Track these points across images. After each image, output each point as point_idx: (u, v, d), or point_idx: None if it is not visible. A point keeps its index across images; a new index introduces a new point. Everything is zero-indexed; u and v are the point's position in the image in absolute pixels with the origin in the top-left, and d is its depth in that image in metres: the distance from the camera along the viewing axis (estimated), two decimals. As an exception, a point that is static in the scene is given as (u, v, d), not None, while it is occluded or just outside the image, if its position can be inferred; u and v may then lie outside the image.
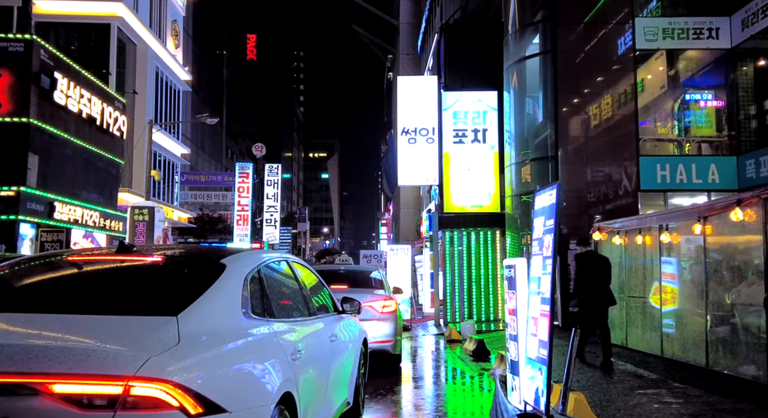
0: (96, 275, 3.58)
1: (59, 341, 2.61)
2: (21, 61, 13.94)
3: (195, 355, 2.71)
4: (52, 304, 3.09)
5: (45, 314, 2.90)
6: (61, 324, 2.79)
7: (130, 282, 3.42)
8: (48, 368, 2.38)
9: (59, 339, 2.63)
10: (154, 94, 26.80)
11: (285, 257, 4.78)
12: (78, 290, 3.32)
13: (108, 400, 2.37)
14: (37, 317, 2.88)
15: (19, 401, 2.35)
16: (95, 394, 2.37)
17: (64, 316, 2.88)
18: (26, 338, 2.65)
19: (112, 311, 2.96)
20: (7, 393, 2.36)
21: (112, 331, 2.73)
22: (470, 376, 8.76)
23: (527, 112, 15.39)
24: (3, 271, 3.51)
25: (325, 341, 4.63)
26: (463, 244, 15.33)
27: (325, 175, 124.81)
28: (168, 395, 2.44)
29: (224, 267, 3.50)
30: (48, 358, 2.42)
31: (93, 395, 2.37)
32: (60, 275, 3.61)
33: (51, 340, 2.62)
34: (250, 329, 3.33)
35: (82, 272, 3.62)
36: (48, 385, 2.36)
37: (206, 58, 48.38)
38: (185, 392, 2.49)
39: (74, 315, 2.89)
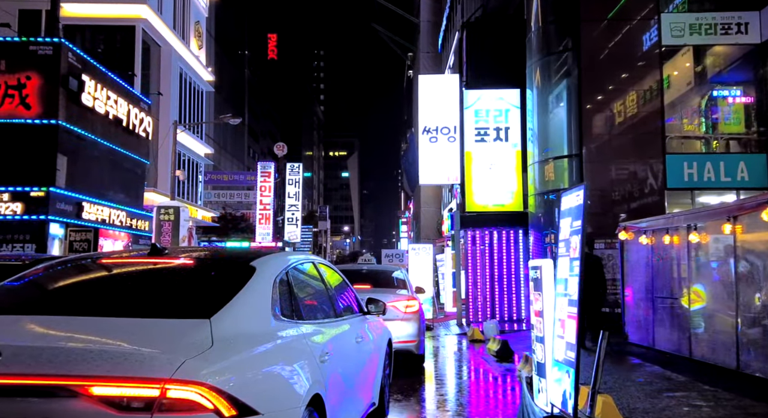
0: (129, 277, 3.64)
1: (97, 343, 2.67)
2: (50, 64, 14.24)
3: (228, 357, 2.75)
4: (88, 306, 3.15)
5: (81, 317, 2.96)
6: (98, 327, 2.85)
7: (162, 285, 3.47)
8: (87, 370, 2.43)
9: (96, 342, 2.69)
10: (178, 95, 27.15)
11: (311, 258, 4.82)
12: (112, 293, 3.38)
13: (145, 402, 2.41)
14: (73, 320, 2.93)
15: (58, 403, 2.40)
16: (133, 396, 2.42)
17: (100, 319, 2.94)
18: (64, 340, 2.70)
19: (146, 314, 3.01)
20: (47, 395, 2.41)
21: (147, 334, 2.77)
22: (494, 377, 8.72)
23: (550, 109, 15.23)
24: (38, 274, 3.59)
25: (352, 342, 4.66)
26: (485, 243, 15.25)
27: (345, 174, 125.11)
28: (203, 397, 2.48)
29: (254, 270, 3.53)
30: (86, 360, 2.47)
31: (131, 398, 2.41)
32: (94, 277, 3.68)
33: (88, 343, 2.67)
34: (280, 331, 3.36)
35: (116, 275, 3.68)
36: (87, 387, 2.41)
37: (228, 58, 48.81)
38: (219, 394, 2.52)
39: (110, 318, 2.95)
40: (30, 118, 14.10)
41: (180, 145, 26.04)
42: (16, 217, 13.81)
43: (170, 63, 26.06)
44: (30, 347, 2.59)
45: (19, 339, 2.70)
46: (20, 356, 2.48)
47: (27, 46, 14.37)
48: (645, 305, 9.97)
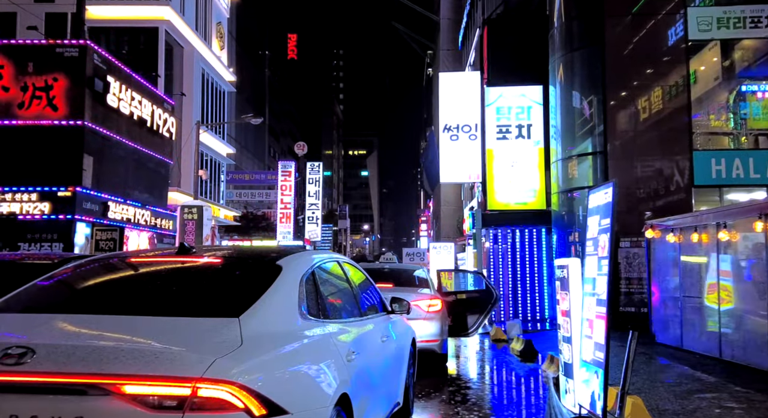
0: (158, 276, 3.67)
1: (128, 342, 2.69)
2: (76, 65, 14.48)
3: (257, 356, 2.75)
4: (118, 305, 3.18)
5: (112, 316, 2.98)
6: (128, 325, 2.87)
7: (191, 283, 3.49)
8: (119, 369, 2.45)
9: (128, 340, 2.70)
10: (200, 96, 27.43)
11: (336, 256, 4.81)
12: (142, 292, 3.40)
13: (177, 401, 2.41)
14: (104, 319, 2.96)
15: (91, 402, 2.42)
16: (165, 395, 2.42)
17: (130, 317, 2.96)
18: (96, 339, 2.73)
19: (176, 313, 3.02)
20: (80, 393, 2.42)
21: (176, 332, 2.78)
22: (519, 377, 8.63)
23: (574, 106, 15.04)
24: (68, 273, 3.63)
25: (377, 342, 4.64)
26: (508, 242, 15.14)
27: (364, 173, 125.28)
28: (233, 396, 2.47)
29: (281, 268, 3.53)
30: (118, 359, 2.49)
31: (163, 397, 2.42)
32: (123, 276, 3.72)
33: (120, 341, 2.69)
34: (308, 330, 3.35)
35: (145, 274, 3.71)
36: (119, 386, 2.42)
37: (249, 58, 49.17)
38: (249, 393, 2.52)
39: (139, 316, 2.97)
40: (57, 119, 14.35)
41: (202, 145, 26.31)
42: (44, 216, 14.07)
43: (192, 64, 26.34)
44: (63, 346, 2.61)
45: (52, 338, 2.73)
46: (53, 355, 2.50)
47: (54, 49, 14.63)
48: (672, 305, 9.79)
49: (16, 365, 2.45)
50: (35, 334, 2.76)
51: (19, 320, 3.00)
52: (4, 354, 2.46)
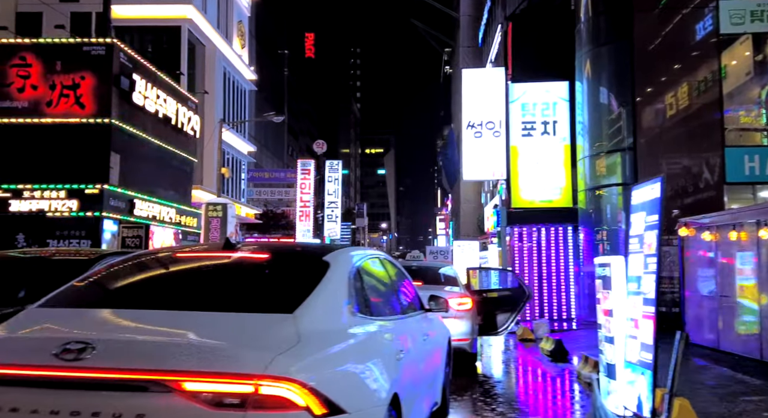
0: (208, 271, 3.62)
1: (186, 338, 2.64)
2: (102, 64, 14.60)
3: (314, 354, 2.69)
4: (170, 300, 3.13)
5: (166, 311, 2.93)
6: (183, 321, 2.82)
7: (241, 279, 3.45)
8: (180, 365, 2.40)
9: (185, 336, 2.65)
10: (222, 94, 27.57)
11: (377, 253, 4.74)
12: (193, 287, 3.36)
13: (240, 399, 2.36)
14: (158, 314, 2.91)
15: (152, 398, 2.37)
16: (228, 393, 2.36)
17: (183, 312, 2.91)
18: (154, 334, 2.68)
19: (229, 308, 2.98)
20: (140, 389, 2.37)
21: (232, 328, 2.73)
22: (552, 377, 8.50)
23: (601, 102, 14.81)
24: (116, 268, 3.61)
25: (420, 340, 4.57)
26: (533, 240, 14.96)
27: (381, 171, 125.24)
28: (295, 394, 2.41)
29: (328, 264, 3.48)
30: (179, 355, 2.44)
31: (225, 394, 2.36)
32: (174, 271, 3.67)
33: (177, 337, 2.64)
34: (358, 327, 3.29)
35: (194, 269, 3.67)
36: (181, 382, 2.36)
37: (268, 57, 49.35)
38: (310, 391, 2.46)
39: (193, 312, 2.92)
40: (84, 117, 14.49)
41: (224, 143, 26.45)
42: (72, 214, 14.22)
43: (214, 62, 26.48)
44: (122, 341, 2.58)
45: (110, 333, 2.69)
46: (113, 350, 2.47)
47: (81, 47, 14.77)
48: (708, 305, 9.57)
49: (75, 360, 2.41)
50: (93, 329, 2.73)
51: (75, 315, 2.97)
52: (64, 349, 2.43)
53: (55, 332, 2.70)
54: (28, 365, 2.43)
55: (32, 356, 2.45)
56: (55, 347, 2.43)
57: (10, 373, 2.43)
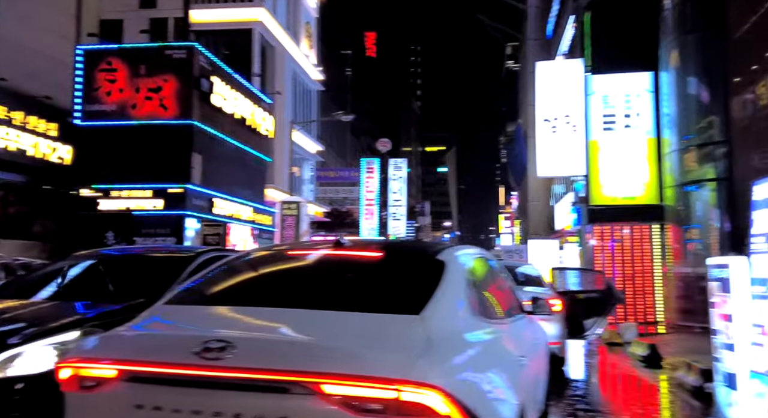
0: (327, 269, 3.53)
1: (324, 338, 2.56)
2: (183, 67, 15.10)
3: (449, 358, 2.55)
4: (297, 299, 3.06)
5: (295, 310, 2.85)
6: (316, 320, 2.73)
7: (362, 278, 3.35)
8: (322, 366, 2.31)
9: (323, 336, 2.57)
10: (292, 95, 28.05)
11: (480, 252, 4.56)
12: (316, 285, 3.29)
13: (382, 404, 2.23)
14: (288, 312, 2.82)
15: (294, 401, 2.28)
16: (370, 397, 2.24)
17: (314, 312, 2.83)
18: (292, 334, 2.61)
19: (355, 308, 2.88)
20: (281, 391, 2.30)
21: (366, 329, 2.63)
22: (650, 385, 8.04)
23: (689, 93, 13.95)
24: (234, 265, 3.59)
25: (530, 344, 4.35)
26: (616, 239, 14.29)
27: (443, 169, 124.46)
28: (437, 402, 2.27)
29: (443, 263, 3.33)
30: (321, 356, 2.35)
31: (368, 399, 2.24)
32: (292, 269, 3.62)
33: (316, 337, 2.56)
34: (480, 331, 3.12)
35: (312, 267, 3.60)
36: (323, 385, 2.27)
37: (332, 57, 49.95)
38: (452, 400, 2.31)
39: (323, 311, 2.84)
40: (167, 118, 15.03)
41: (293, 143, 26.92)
42: (158, 212, 14.79)
43: (284, 63, 26.98)
44: (262, 340, 2.51)
45: (249, 331, 2.64)
46: (253, 349, 2.40)
47: (163, 51, 15.34)
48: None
49: (216, 359, 2.36)
50: (229, 327, 2.69)
51: (206, 313, 2.94)
52: (204, 348, 2.38)
53: (193, 330, 2.67)
54: (170, 362, 2.39)
55: (173, 354, 2.41)
56: (195, 346, 2.38)
57: (152, 371, 2.40)
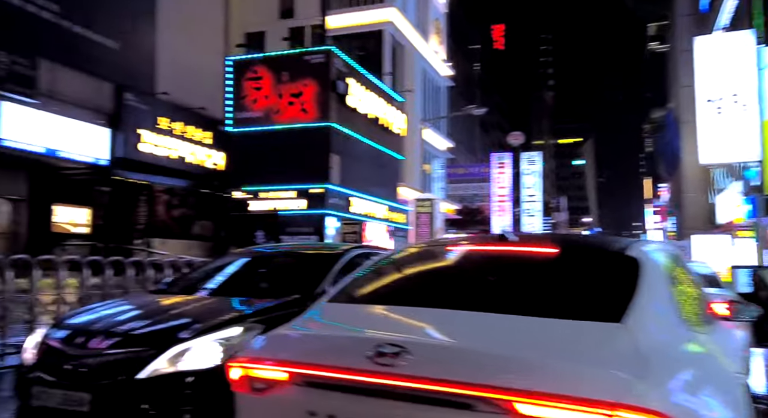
0: (500, 267, 3.15)
1: (515, 348, 2.20)
2: (322, 71, 15.56)
3: (667, 378, 2.10)
4: (473, 300, 2.73)
5: (476, 313, 2.52)
6: (502, 326, 2.39)
7: (539, 277, 2.94)
8: (516, 382, 1.96)
9: (513, 346, 2.22)
10: (422, 92, 28.02)
11: (668, 247, 3.91)
12: (491, 285, 2.93)
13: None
14: (469, 317, 2.50)
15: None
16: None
17: (496, 316, 2.48)
18: (475, 341, 2.29)
19: (543, 312, 2.48)
20: (463, 407, 1.99)
21: (561, 338, 2.24)
22: None
23: None
24: (395, 261, 3.36)
25: (738, 356, 3.66)
26: (802, 233, 12.30)
27: (578, 162, 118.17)
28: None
29: (637, 261, 2.81)
30: (514, 370, 2.01)
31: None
32: (460, 267, 3.28)
33: (505, 346, 2.21)
34: (691, 342, 2.58)
35: (483, 265, 3.24)
36: (517, 404, 1.94)
37: (460, 52, 49.38)
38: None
39: (506, 315, 2.47)
40: (307, 121, 15.57)
41: (423, 140, 26.83)
42: (301, 211, 15.38)
43: (414, 61, 26.99)
44: (442, 347, 2.23)
45: (426, 336, 2.37)
46: (432, 358, 2.12)
47: (302, 57, 15.91)
48: None
49: (390, 366, 2.10)
50: (402, 330, 2.43)
51: (374, 313, 2.72)
52: (378, 353, 2.14)
53: (363, 333, 2.45)
54: (344, 367, 2.19)
55: (347, 358, 2.21)
56: (368, 349, 2.16)
57: (325, 375, 2.22)
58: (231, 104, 16.34)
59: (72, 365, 3.58)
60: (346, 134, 16.30)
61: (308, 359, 2.27)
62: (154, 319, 4.05)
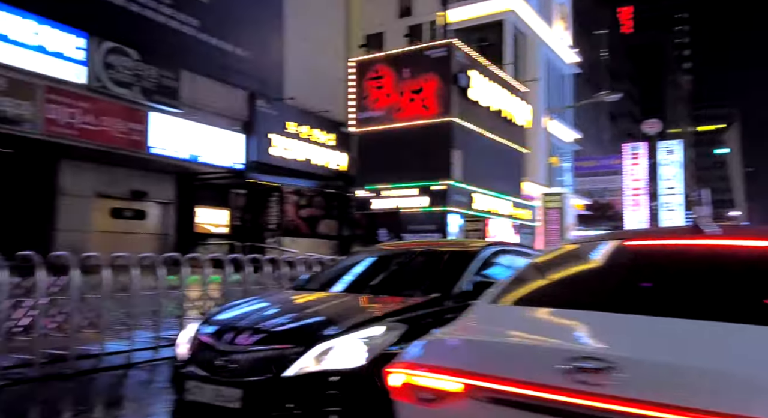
0: (696, 265, 2.62)
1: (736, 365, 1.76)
2: (443, 65, 15.28)
3: None
4: (676, 305, 2.28)
5: (690, 321, 2.07)
6: (726, 338, 1.94)
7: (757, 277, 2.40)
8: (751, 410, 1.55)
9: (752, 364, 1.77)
10: (546, 81, 26.79)
11: None
12: (694, 287, 2.42)
13: None
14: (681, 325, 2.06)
15: None
16: None
17: (711, 324, 2.03)
18: (700, 357, 1.83)
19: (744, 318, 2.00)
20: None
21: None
22: None
23: None
24: (565, 257, 2.97)
25: None
26: None
27: (721, 150, 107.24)
28: None
29: None
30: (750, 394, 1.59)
31: None
32: (645, 264, 2.77)
33: (741, 364, 1.77)
34: None
35: (673, 261, 2.72)
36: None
37: (584, 37, 46.75)
38: None
39: (725, 324, 2.02)
40: (428, 117, 15.37)
41: (548, 132, 25.59)
42: (424, 209, 15.24)
43: (536, 49, 25.87)
44: (667, 366, 1.79)
45: (636, 350, 1.93)
46: (654, 377, 1.73)
47: (423, 52, 15.74)
48: None
49: (594, 384, 1.77)
50: (600, 340, 2.06)
51: (558, 319, 2.34)
52: (576, 368, 1.80)
53: (552, 342, 2.08)
54: (534, 383, 1.86)
55: (536, 372, 1.88)
56: (560, 362, 1.83)
57: (511, 391, 1.90)
58: (353, 105, 16.60)
59: (222, 361, 3.64)
60: (467, 129, 15.89)
61: (488, 369, 1.97)
62: (296, 316, 4.04)
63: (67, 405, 4.98)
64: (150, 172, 14.51)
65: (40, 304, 5.47)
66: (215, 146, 14.79)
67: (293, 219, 19.98)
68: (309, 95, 17.36)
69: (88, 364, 5.92)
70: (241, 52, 15.93)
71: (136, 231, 15.32)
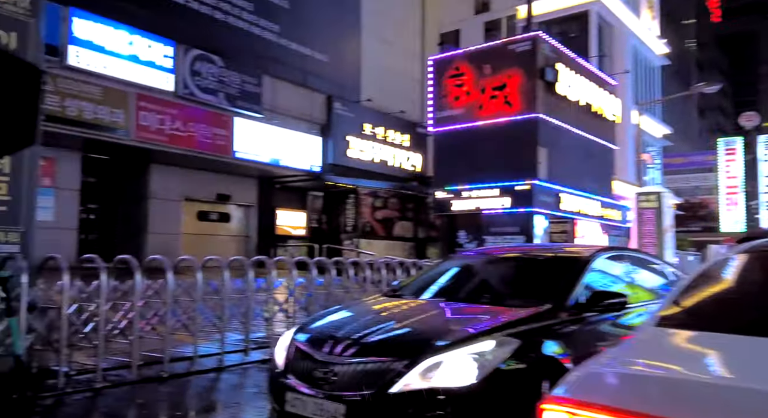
0: None
1: None
2: (527, 59, 14.57)
3: None
4: None
5: None
6: None
7: None
8: None
9: None
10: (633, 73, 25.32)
11: None
12: None
13: None
14: None
15: None
16: None
17: None
18: None
19: None
20: None
21: None
22: None
23: None
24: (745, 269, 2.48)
25: None
26: None
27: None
28: None
29: None
30: None
31: None
32: None
33: None
34: None
35: None
36: None
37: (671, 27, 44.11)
38: None
39: None
40: (512, 115, 14.73)
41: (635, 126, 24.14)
42: (506, 210, 14.62)
43: (624, 40, 24.47)
44: None
45: None
46: None
47: (506, 47, 15.13)
48: None
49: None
50: None
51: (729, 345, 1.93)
52: None
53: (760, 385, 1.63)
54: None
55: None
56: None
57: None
58: (432, 104, 16.23)
59: (322, 373, 3.43)
60: (554, 124, 15.11)
61: (681, 414, 1.56)
62: (396, 326, 3.76)
63: (163, 409, 4.95)
64: (233, 176, 14.80)
65: (137, 307, 5.50)
66: (294, 150, 14.88)
67: (369, 221, 19.89)
68: (385, 96, 17.20)
69: (182, 366, 5.92)
70: (320, 55, 15.97)
71: (220, 233, 15.66)
